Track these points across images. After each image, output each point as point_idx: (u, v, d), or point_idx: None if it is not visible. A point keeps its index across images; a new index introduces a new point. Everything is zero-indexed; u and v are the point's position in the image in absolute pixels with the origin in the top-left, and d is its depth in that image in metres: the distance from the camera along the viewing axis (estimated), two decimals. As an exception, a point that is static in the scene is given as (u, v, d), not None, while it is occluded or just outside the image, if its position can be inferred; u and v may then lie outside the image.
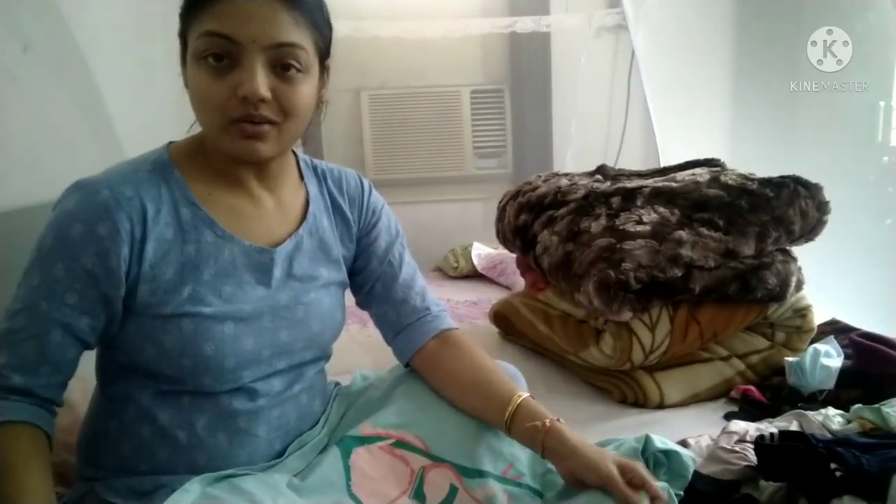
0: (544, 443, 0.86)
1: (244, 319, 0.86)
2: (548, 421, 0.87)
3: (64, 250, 0.78)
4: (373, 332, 1.12)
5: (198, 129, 0.87)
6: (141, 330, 0.82)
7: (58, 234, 0.78)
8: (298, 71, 0.81)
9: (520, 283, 2.15)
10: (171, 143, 0.90)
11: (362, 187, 1.04)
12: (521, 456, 0.95)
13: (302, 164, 0.99)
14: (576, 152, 3.08)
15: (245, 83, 0.78)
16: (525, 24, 2.91)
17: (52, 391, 0.79)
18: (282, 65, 0.80)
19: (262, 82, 0.78)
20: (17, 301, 0.79)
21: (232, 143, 0.82)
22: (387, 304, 1.03)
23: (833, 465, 0.94)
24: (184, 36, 0.83)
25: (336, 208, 1.00)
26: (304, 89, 0.83)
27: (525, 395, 0.92)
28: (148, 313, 0.82)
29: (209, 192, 0.87)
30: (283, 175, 0.93)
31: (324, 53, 0.87)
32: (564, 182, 1.83)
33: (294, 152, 0.99)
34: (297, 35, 0.81)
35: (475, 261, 2.91)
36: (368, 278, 1.03)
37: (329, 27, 0.87)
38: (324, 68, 0.88)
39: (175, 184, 0.85)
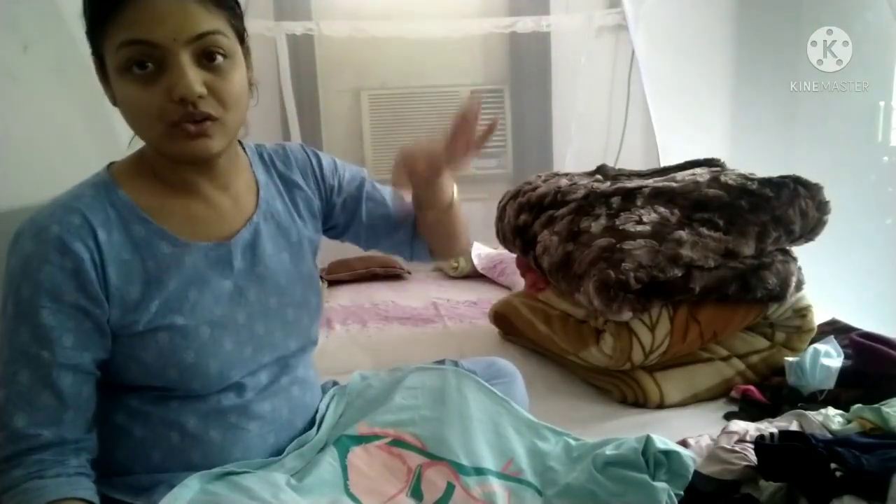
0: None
1: (217, 320, 0.85)
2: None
3: (44, 295, 0.76)
4: (372, 333, 1.12)
5: (138, 142, 0.85)
6: (121, 351, 0.82)
7: (31, 282, 0.76)
8: (224, 57, 0.80)
9: (520, 283, 2.15)
10: (111, 163, 0.89)
11: (308, 156, 1.03)
12: (520, 452, 0.95)
13: (249, 153, 0.98)
14: (576, 152, 3.08)
15: (178, 84, 0.76)
16: (525, 24, 2.92)
17: (81, 431, 0.79)
18: (207, 55, 0.78)
19: (194, 79, 0.76)
20: (7, 364, 0.77)
21: (179, 146, 0.80)
22: (392, 229, 1.08)
23: (833, 465, 0.94)
24: (98, 53, 0.80)
25: (292, 187, 0.99)
26: (236, 77, 0.82)
27: None
28: (123, 334, 0.81)
29: (162, 204, 0.86)
30: (233, 171, 0.92)
31: (241, 34, 0.85)
32: (564, 182, 1.83)
33: (241, 144, 0.98)
34: (214, 21, 0.79)
35: (475, 261, 2.91)
36: (363, 224, 1.06)
37: (238, 5, 0.85)
38: (245, 50, 0.86)
39: (121, 203, 0.83)
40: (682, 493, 0.88)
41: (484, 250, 2.96)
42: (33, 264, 0.77)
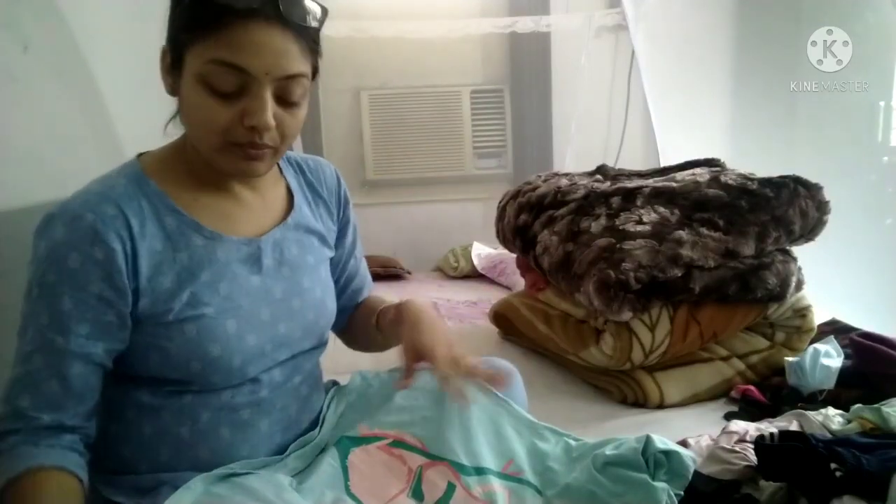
0: (394, 315, 1.01)
1: (244, 315, 0.86)
2: (399, 301, 1.01)
3: (68, 282, 0.77)
4: (372, 333, 1.13)
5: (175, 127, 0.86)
6: (144, 340, 0.82)
7: (57, 268, 0.77)
8: (299, 99, 0.82)
9: (520, 283, 2.15)
10: (140, 154, 0.89)
11: (338, 179, 1.06)
12: (520, 452, 0.95)
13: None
14: (576, 152, 3.09)
15: (256, 114, 0.78)
16: (525, 24, 2.92)
17: (80, 419, 0.79)
18: (286, 94, 0.80)
19: (271, 113, 0.79)
20: (26, 344, 0.78)
21: (231, 163, 0.82)
22: (343, 293, 1.09)
23: (833, 465, 0.94)
24: (179, 48, 0.80)
25: (317, 197, 1.01)
26: (302, 114, 0.84)
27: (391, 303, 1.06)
28: (151, 323, 0.82)
29: (194, 198, 0.87)
30: (265, 175, 0.93)
31: (315, 74, 0.87)
32: (564, 182, 1.83)
33: None
34: (303, 65, 0.81)
35: (475, 261, 2.91)
36: (335, 269, 1.06)
37: (320, 45, 0.87)
38: (313, 84, 0.88)
39: (153, 194, 0.84)
40: (682, 493, 0.88)
41: (484, 250, 2.96)
42: (61, 251, 0.77)
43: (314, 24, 0.81)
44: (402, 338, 0.97)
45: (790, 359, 1.45)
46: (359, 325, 1.12)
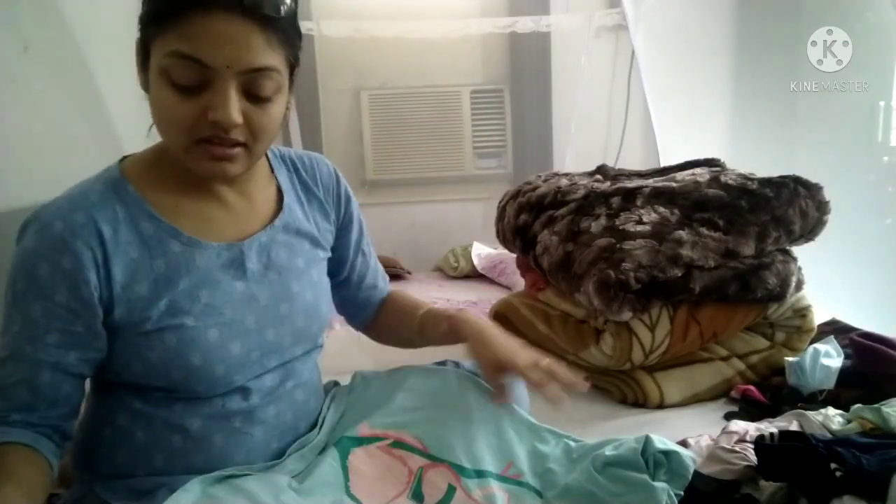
0: (447, 329, 1.00)
1: (227, 323, 0.84)
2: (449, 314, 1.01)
3: (36, 291, 0.77)
4: (373, 333, 1.13)
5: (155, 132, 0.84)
6: (125, 349, 0.81)
7: (27, 276, 0.77)
8: (269, 94, 0.79)
9: (520, 283, 2.14)
10: (124, 157, 0.88)
11: (336, 177, 1.03)
12: (520, 454, 0.95)
13: (270, 157, 0.97)
14: (576, 152, 3.08)
15: (217, 108, 0.75)
16: (525, 24, 2.91)
17: (52, 420, 0.79)
18: (254, 88, 0.77)
19: (234, 108, 0.75)
20: (3, 349, 0.78)
21: (198, 163, 0.79)
22: (358, 291, 1.09)
23: (833, 465, 0.94)
24: (145, 44, 0.78)
25: (311, 196, 0.99)
26: (276, 110, 0.81)
27: (431, 305, 1.06)
28: (129, 332, 0.80)
29: (175, 202, 0.85)
30: (252, 176, 0.91)
31: (294, 66, 0.84)
32: (564, 182, 1.83)
33: None
34: (272, 58, 0.77)
35: (475, 261, 2.91)
36: (343, 268, 1.05)
37: (300, 36, 0.84)
38: (292, 80, 0.85)
39: (130, 200, 0.82)
40: (682, 493, 0.88)
41: (484, 250, 2.95)
42: (31, 259, 0.77)
43: (281, 14, 0.77)
44: (475, 355, 0.97)
45: (790, 359, 1.45)
46: (392, 327, 1.11)
